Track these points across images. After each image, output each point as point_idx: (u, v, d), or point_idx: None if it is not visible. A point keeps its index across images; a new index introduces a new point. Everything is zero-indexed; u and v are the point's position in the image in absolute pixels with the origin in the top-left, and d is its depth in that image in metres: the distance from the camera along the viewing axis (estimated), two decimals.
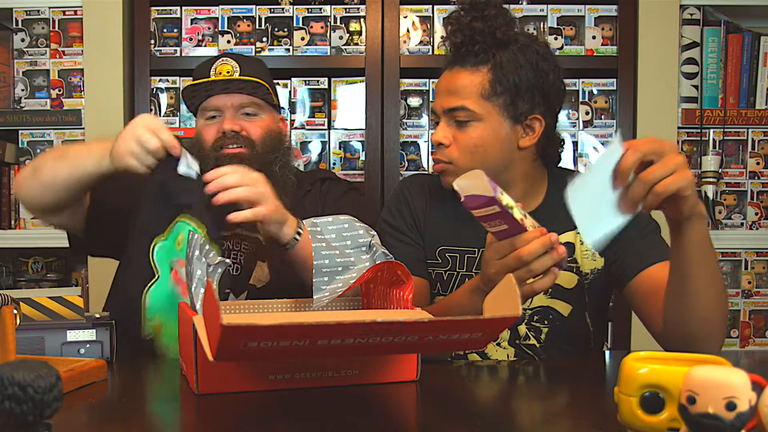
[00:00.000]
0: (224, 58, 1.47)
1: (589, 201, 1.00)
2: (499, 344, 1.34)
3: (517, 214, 1.02)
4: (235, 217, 1.19)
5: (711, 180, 2.12)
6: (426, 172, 2.12)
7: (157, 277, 1.25)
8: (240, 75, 1.44)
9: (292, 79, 2.15)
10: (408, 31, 2.14)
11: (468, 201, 1.01)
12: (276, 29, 2.14)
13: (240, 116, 1.44)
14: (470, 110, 1.27)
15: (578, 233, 1.34)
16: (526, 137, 1.31)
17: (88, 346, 1.10)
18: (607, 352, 1.71)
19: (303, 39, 2.13)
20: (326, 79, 2.15)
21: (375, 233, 1.13)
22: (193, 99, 1.47)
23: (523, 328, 1.33)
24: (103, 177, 1.29)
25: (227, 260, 1.02)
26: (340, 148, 2.15)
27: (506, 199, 1.00)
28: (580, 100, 2.14)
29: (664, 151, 0.99)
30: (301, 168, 2.04)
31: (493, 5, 1.28)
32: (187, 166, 1.23)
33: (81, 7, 2.13)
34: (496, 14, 1.27)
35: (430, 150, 2.14)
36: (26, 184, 1.34)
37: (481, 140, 1.28)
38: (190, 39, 2.14)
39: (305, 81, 2.15)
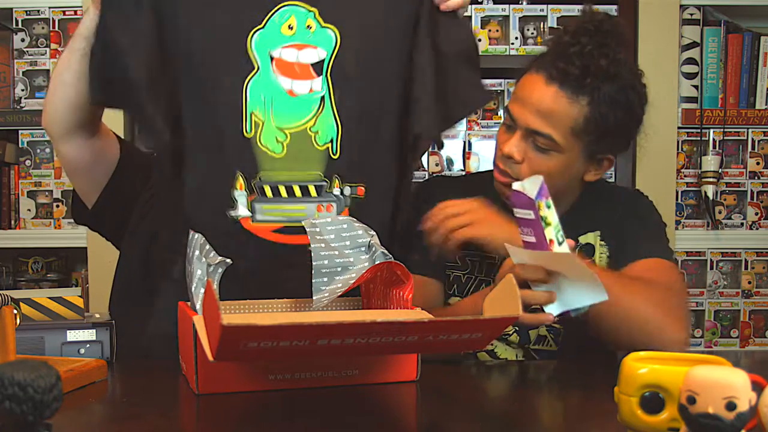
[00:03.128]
0: None
1: None
2: (509, 344, 1.33)
3: (549, 233, 1.00)
4: None
5: (711, 180, 2.12)
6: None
7: (256, 69, 1.17)
8: None
9: None
10: None
11: (514, 196, 1.01)
12: None
13: None
14: (556, 142, 1.21)
15: (598, 236, 1.33)
16: (592, 172, 1.28)
17: (88, 346, 1.10)
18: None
19: None
20: None
21: (374, 233, 1.13)
22: None
23: (543, 329, 1.32)
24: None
25: (227, 260, 1.02)
26: None
27: (546, 212, 0.99)
28: None
29: (470, 209, 1.18)
30: None
31: (612, 35, 1.20)
32: None
33: (81, 7, 2.13)
34: (616, 45, 1.20)
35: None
36: (47, 101, 1.27)
37: (553, 170, 1.22)
38: None
39: None
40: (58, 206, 2.19)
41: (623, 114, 1.21)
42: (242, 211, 1.18)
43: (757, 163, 2.17)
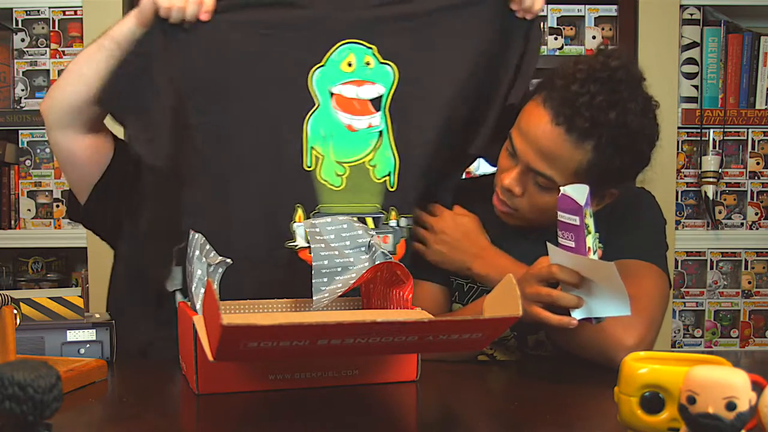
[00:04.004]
0: None
1: None
2: (507, 349, 1.33)
3: (589, 240, 1.02)
4: None
5: (711, 180, 2.12)
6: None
7: (317, 105, 1.21)
8: None
9: None
10: None
11: (561, 200, 1.03)
12: None
13: None
14: (556, 182, 1.16)
15: (597, 237, 1.33)
16: (593, 204, 1.26)
17: (88, 346, 1.10)
18: None
19: None
20: None
21: (374, 233, 1.14)
22: None
23: (542, 335, 1.31)
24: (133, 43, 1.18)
25: (228, 260, 1.02)
26: None
27: (589, 221, 1.02)
28: None
29: (441, 228, 1.26)
30: None
31: (626, 84, 1.14)
32: None
33: (81, 7, 2.13)
34: (628, 97, 1.14)
35: None
36: (56, 87, 1.25)
37: (553, 206, 1.14)
38: None
39: None
40: (58, 206, 2.19)
41: (630, 158, 1.18)
42: (300, 241, 1.20)
43: (757, 163, 2.17)
